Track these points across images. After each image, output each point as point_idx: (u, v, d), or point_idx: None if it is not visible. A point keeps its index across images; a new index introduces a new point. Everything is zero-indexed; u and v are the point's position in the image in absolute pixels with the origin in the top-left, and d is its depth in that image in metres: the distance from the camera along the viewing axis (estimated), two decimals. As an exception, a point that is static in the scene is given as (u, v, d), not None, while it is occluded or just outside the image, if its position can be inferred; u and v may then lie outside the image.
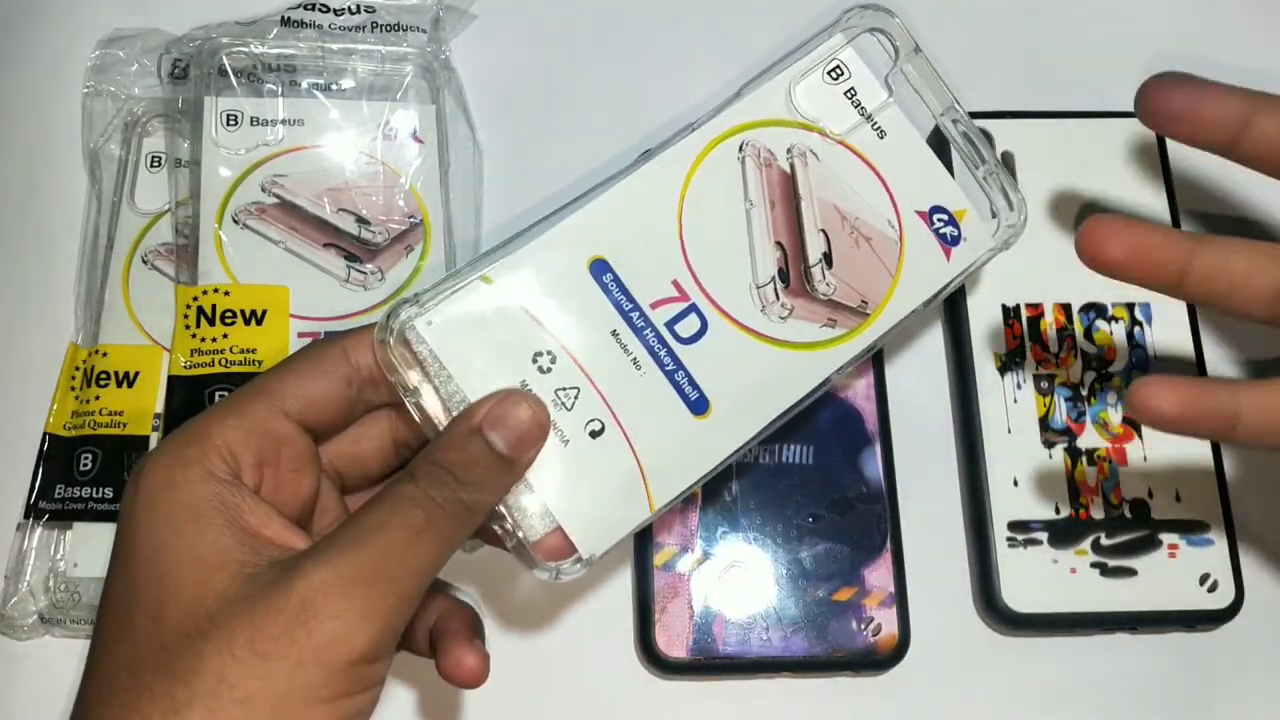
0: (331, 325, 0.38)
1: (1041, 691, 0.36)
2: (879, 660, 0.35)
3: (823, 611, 0.36)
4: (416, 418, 0.28)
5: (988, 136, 0.33)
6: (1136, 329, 0.39)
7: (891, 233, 0.32)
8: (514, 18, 0.45)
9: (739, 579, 0.36)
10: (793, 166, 0.32)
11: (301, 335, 0.38)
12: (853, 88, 0.32)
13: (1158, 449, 0.38)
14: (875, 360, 0.39)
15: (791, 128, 0.32)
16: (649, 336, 0.30)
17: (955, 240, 0.32)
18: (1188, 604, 0.36)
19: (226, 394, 0.36)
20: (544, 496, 0.28)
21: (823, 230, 0.32)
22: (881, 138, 0.32)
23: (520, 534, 0.28)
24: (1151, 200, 0.41)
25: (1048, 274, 0.40)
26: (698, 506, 0.37)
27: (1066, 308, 0.39)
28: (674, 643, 0.35)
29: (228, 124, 0.39)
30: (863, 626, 0.35)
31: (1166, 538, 0.37)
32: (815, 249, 0.31)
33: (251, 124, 0.40)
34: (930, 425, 0.39)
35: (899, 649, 0.35)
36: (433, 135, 0.41)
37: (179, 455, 0.26)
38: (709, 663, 0.35)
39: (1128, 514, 0.37)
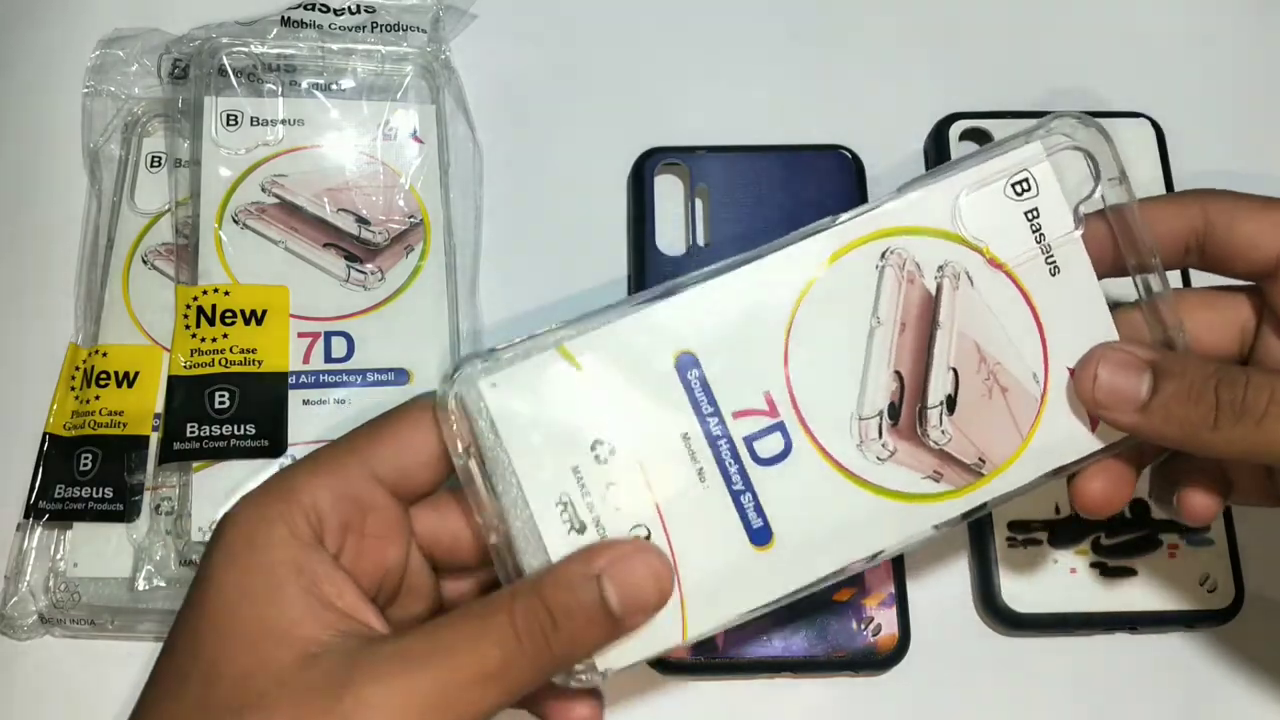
0: (331, 325, 0.38)
1: (1041, 691, 0.36)
2: (879, 660, 0.35)
3: (823, 611, 0.36)
4: (462, 480, 0.26)
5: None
6: (1136, 329, 0.39)
7: (1035, 387, 0.27)
8: (514, 18, 0.45)
9: (739, 579, 0.36)
10: (940, 288, 0.27)
11: (301, 335, 0.38)
12: (1035, 208, 0.27)
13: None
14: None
15: (951, 241, 0.27)
16: (723, 448, 0.26)
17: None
18: (1188, 604, 0.36)
19: (228, 395, 0.36)
20: None
21: (954, 369, 0.27)
22: (1054, 275, 0.27)
23: None
24: (1151, 200, 0.41)
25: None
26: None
27: (1066, 308, 0.39)
28: (674, 643, 0.35)
29: (228, 124, 0.39)
30: (863, 626, 0.35)
31: (1166, 538, 0.37)
32: (939, 389, 0.27)
33: (251, 124, 0.40)
34: (930, 425, 0.39)
35: (899, 649, 0.35)
36: (433, 135, 0.41)
37: (265, 511, 0.25)
38: (709, 663, 0.35)
39: (1128, 514, 0.37)
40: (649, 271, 0.40)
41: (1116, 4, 0.46)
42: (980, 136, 0.42)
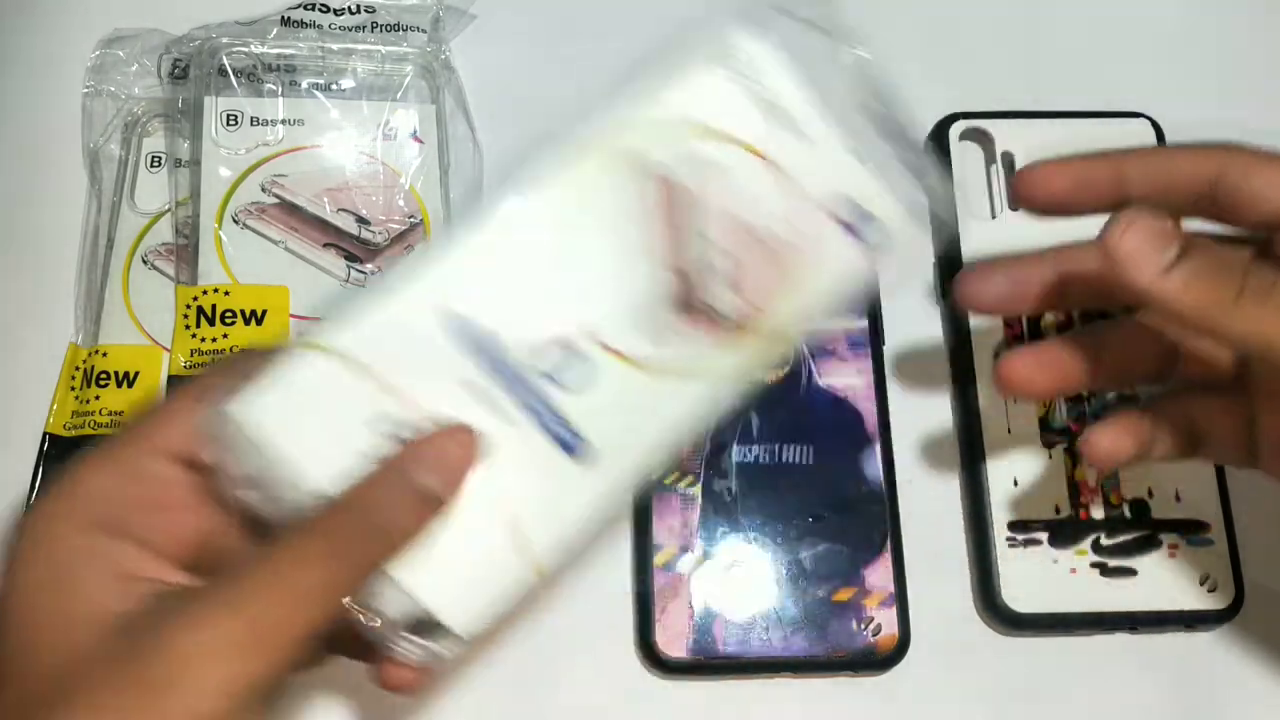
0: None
1: (1041, 691, 0.36)
2: (879, 660, 0.35)
3: (823, 611, 0.36)
4: (249, 508, 0.25)
5: (901, 124, 0.30)
6: (1136, 329, 0.39)
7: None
8: (514, 18, 0.45)
9: (739, 579, 0.36)
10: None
11: (301, 335, 0.38)
12: (760, 84, 0.29)
13: (1158, 449, 0.38)
14: (875, 360, 0.39)
15: (687, 135, 0.28)
16: (519, 388, 0.26)
17: (873, 237, 0.29)
18: (1188, 604, 0.36)
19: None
20: (406, 572, 0.25)
21: (721, 244, 0.28)
22: (797, 138, 0.29)
23: (385, 615, 0.25)
24: (1151, 200, 0.41)
25: (1048, 274, 0.40)
26: (698, 506, 0.37)
27: (1066, 308, 0.39)
28: (674, 643, 0.35)
29: (228, 124, 0.40)
30: (863, 626, 0.35)
31: (1166, 538, 0.37)
32: (713, 266, 0.28)
33: (251, 124, 0.40)
34: (930, 425, 0.39)
35: (899, 649, 0.35)
36: (433, 135, 0.41)
37: (49, 509, 0.25)
38: (709, 663, 0.35)
39: (1128, 514, 0.37)
40: (649, 271, 0.40)
41: (1116, 3, 0.46)
42: (980, 136, 0.42)
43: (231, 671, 0.23)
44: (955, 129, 0.42)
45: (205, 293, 0.38)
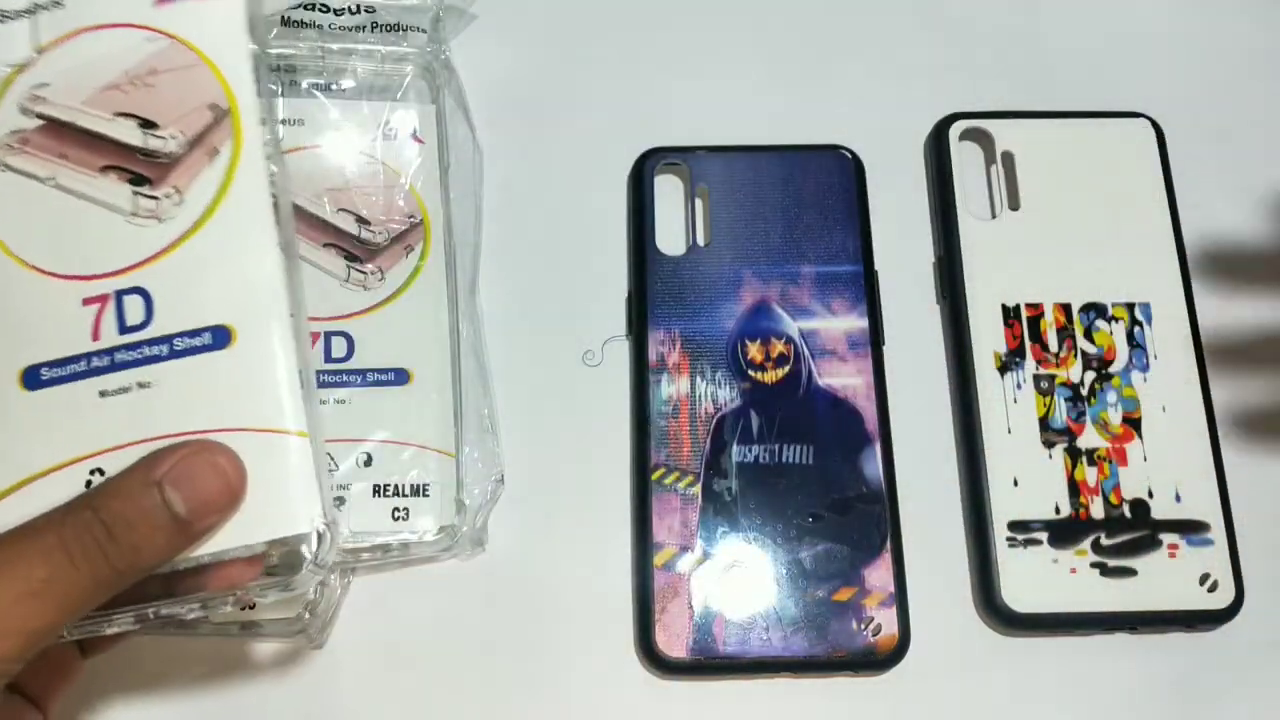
0: (331, 325, 0.38)
1: (1041, 691, 0.36)
2: (879, 660, 0.35)
3: (823, 611, 0.36)
4: None
5: None
6: (1136, 329, 0.39)
7: (159, 42, 0.29)
8: (514, 18, 0.45)
9: (739, 579, 0.36)
10: (40, 114, 0.28)
11: (302, 335, 0.38)
12: None
13: (1158, 449, 0.38)
14: (875, 360, 0.39)
15: (2, 98, 0.28)
16: (122, 357, 0.26)
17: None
18: (1188, 604, 0.36)
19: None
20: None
21: (117, 114, 0.28)
22: (60, 6, 0.28)
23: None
24: (1151, 201, 0.41)
25: (1048, 274, 0.40)
26: (698, 506, 0.37)
27: (1066, 308, 0.39)
28: (674, 643, 0.35)
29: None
30: (863, 626, 0.35)
31: (1166, 538, 0.37)
32: (129, 133, 0.28)
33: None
34: (930, 425, 0.39)
35: (899, 649, 0.35)
36: (433, 135, 0.41)
37: None
38: (709, 663, 0.35)
39: (1128, 514, 0.37)
40: (649, 271, 0.40)
41: (1116, 4, 0.46)
42: (980, 136, 0.42)
43: None
44: (955, 129, 0.42)
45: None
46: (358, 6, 0.42)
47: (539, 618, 0.37)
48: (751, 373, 0.38)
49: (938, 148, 0.42)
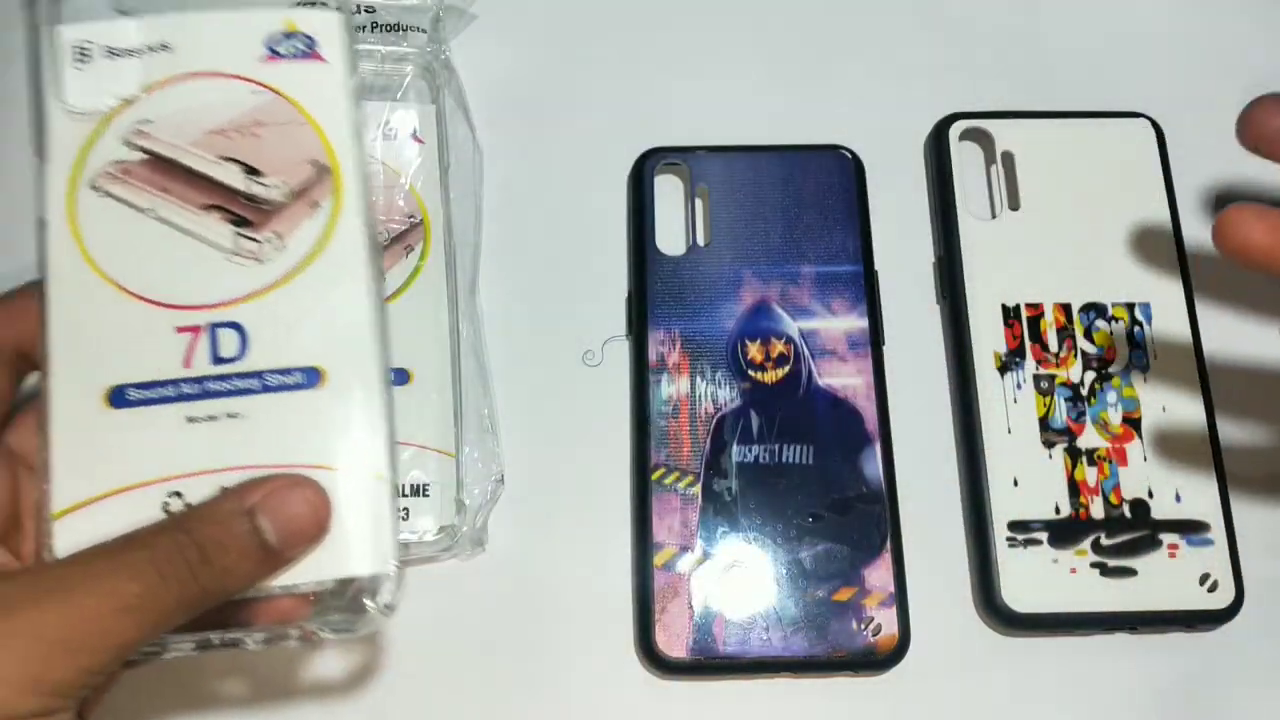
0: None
1: (1041, 691, 0.36)
2: (879, 660, 0.35)
3: (823, 611, 0.36)
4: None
5: None
6: (1136, 329, 0.39)
7: (263, 96, 0.30)
8: (514, 18, 0.45)
9: (739, 579, 0.36)
10: (143, 148, 0.29)
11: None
12: (108, 48, 0.30)
13: (1158, 449, 0.38)
14: (875, 360, 0.39)
15: (104, 128, 0.29)
16: (213, 386, 0.27)
17: (312, 43, 0.30)
18: (1188, 604, 0.36)
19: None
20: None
21: (222, 158, 0.29)
22: (169, 50, 0.30)
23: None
24: (1152, 200, 0.41)
25: (1048, 274, 0.40)
26: (698, 506, 0.37)
27: (1066, 308, 0.39)
28: (674, 643, 0.35)
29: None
30: (862, 626, 0.35)
31: (1166, 538, 0.37)
32: (234, 176, 0.29)
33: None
34: (930, 425, 0.39)
35: (899, 649, 0.35)
36: (433, 135, 0.41)
37: None
38: (709, 663, 0.35)
39: (1128, 514, 0.37)
40: (649, 271, 0.40)
41: (1116, 4, 0.46)
42: (980, 136, 0.42)
43: (32, 664, 0.22)
44: (955, 129, 0.42)
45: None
46: (358, 6, 0.42)
47: (539, 618, 0.37)
48: (751, 373, 0.38)
49: (938, 148, 0.42)
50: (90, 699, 0.29)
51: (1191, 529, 0.37)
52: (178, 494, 0.27)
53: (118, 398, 0.27)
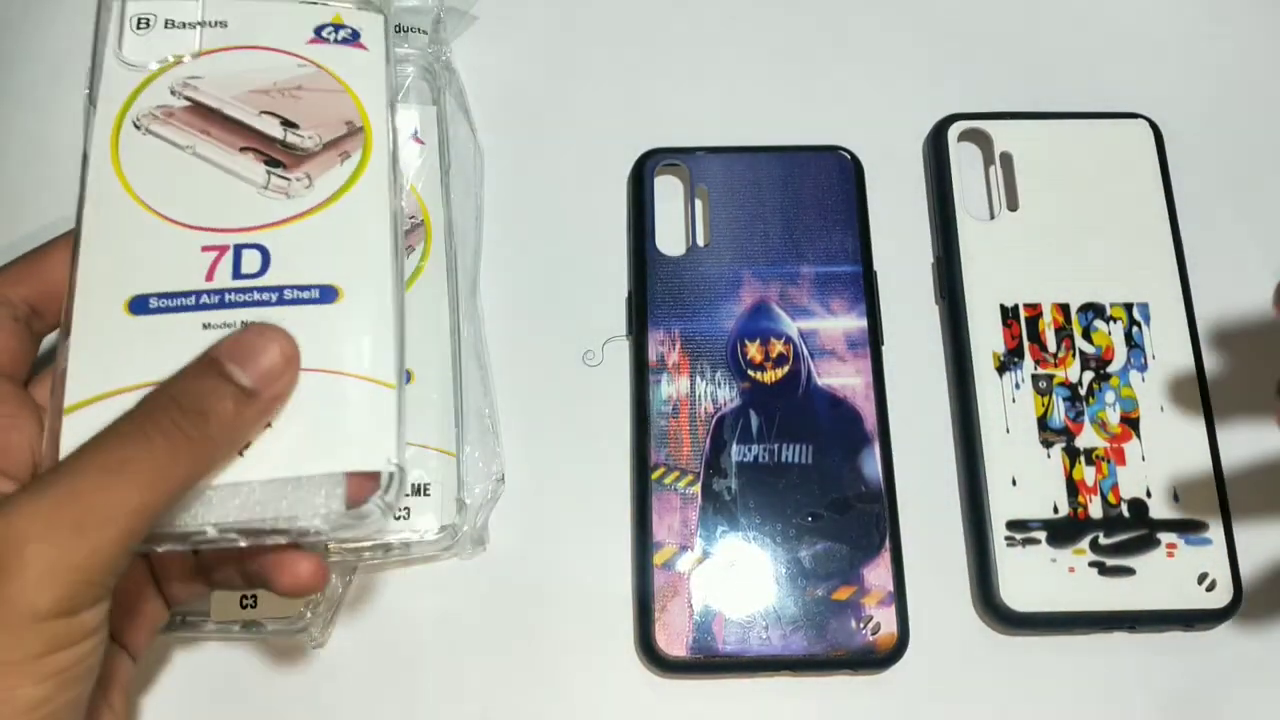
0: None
1: (1040, 690, 0.36)
2: (878, 659, 0.35)
3: (822, 610, 0.36)
4: None
5: None
6: (1135, 329, 0.39)
7: (307, 68, 0.32)
8: (515, 19, 0.45)
9: (739, 578, 0.36)
10: (188, 97, 0.31)
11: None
12: (168, 19, 0.32)
13: (1156, 449, 0.38)
14: (874, 360, 0.39)
15: (154, 78, 0.32)
16: (231, 298, 0.29)
17: (356, 35, 0.33)
18: (1186, 603, 0.36)
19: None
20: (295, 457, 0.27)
21: (263, 112, 0.32)
22: (224, 27, 0.32)
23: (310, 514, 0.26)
24: (1150, 201, 0.41)
25: (1046, 274, 0.40)
26: (697, 505, 0.37)
27: (1065, 308, 0.40)
28: (674, 641, 0.35)
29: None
30: (862, 625, 0.36)
31: (1165, 537, 0.37)
32: (272, 126, 0.31)
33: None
34: (929, 425, 0.39)
35: (898, 648, 0.36)
36: (433, 136, 0.41)
37: None
38: (709, 661, 0.35)
39: (1126, 513, 0.37)
40: (649, 272, 0.40)
41: (1116, 4, 0.46)
42: (979, 137, 0.42)
43: (63, 551, 0.23)
44: (954, 129, 0.42)
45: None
46: (359, 8, 0.42)
47: (539, 616, 0.37)
48: (751, 372, 0.39)
49: (937, 148, 0.42)
50: (134, 634, 0.30)
51: (1190, 528, 0.37)
52: None
53: (138, 305, 0.29)
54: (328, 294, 0.29)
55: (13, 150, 0.43)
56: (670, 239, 0.41)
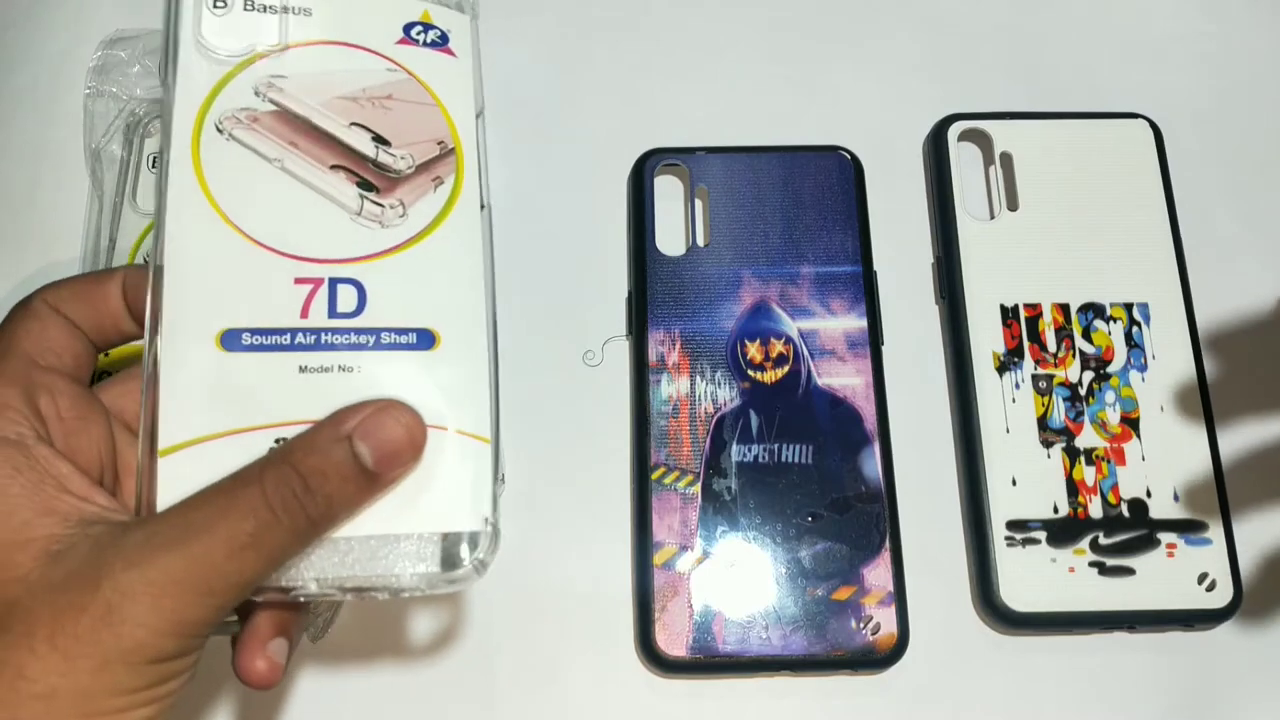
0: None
1: (1040, 690, 0.37)
2: (878, 659, 0.35)
3: (822, 610, 0.36)
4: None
5: None
6: (1135, 329, 0.39)
7: (398, 75, 0.30)
8: (514, 18, 0.45)
9: (738, 578, 0.36)
10: (274, 100, 0.29)
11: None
12: (246, 0, 0.30)
13: (1156, 449, 0.38)
14: (874, 360, 0.39)
15: (236, 73, 0.29)
16: (328, 339, 0.27)
17: (445, 38, 0.31)
18: (1186, 603, 0.36)
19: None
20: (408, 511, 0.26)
21: (353, 124, 0.30)
22: (309, 15, 0.30)
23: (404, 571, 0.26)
24: (1150, 201, 0.41)
25: (1046, 274, 0.40)
26: (697, 505, 0.37)
27: (1065, 308, 0.40)
28: (674, 641, 0.35)
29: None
30: (862, 625, 0.36)
31: (1165, 537, 0.37)
32: (363, 142, 0.29)
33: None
34: (929, 425, 0.39)
35: (898, 648, 0.36)
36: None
37: None
38: (709, 661, 0.35)
39: (1126, 513, 0.37)
40: (649, 272, 0.40)
41: (1116, 4, 0.46)
42: (979, 137, 0.42)
43: (191, 609, 0.24)
44: (954, 129, 0.42)
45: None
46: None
47: (539, 616, 0.37)
48: (751, 372, 0.39)
49: (937, 148, 0.42)
50: (293, 625, 0.30)
51: (1190, 528, 0.37)
52: (283, 440, 0.26)
53: (230, 340, 0.27)
54: (425, 339, 0.28)
55: (13, 150, 0.43)
56: (670, 239, 0.41)
